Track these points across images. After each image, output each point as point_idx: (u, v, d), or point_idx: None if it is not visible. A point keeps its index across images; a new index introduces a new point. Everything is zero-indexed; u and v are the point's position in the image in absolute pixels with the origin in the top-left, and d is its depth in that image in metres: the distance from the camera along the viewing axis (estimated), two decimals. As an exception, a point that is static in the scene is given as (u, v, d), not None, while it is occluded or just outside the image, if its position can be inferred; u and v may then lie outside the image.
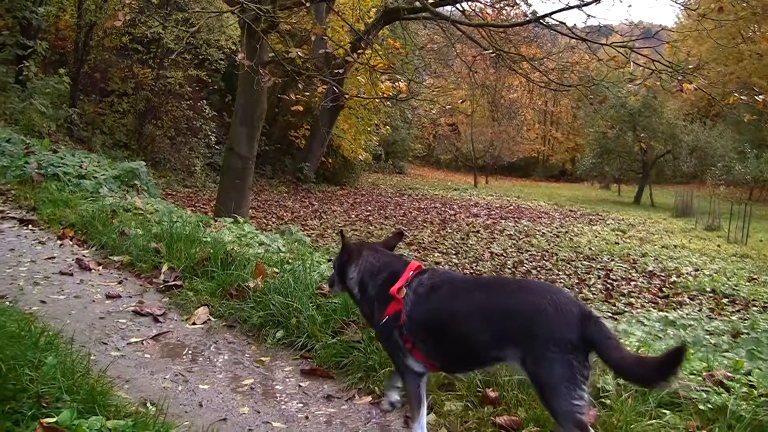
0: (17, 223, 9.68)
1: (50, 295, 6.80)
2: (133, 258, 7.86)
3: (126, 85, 29.69)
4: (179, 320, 6.35)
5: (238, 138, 17.21)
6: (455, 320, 4.06)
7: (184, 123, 30.66)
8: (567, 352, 3.66)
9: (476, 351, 4.03)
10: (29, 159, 13.06)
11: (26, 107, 23.11)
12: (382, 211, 32.00)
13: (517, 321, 3.84)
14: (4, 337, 5.03)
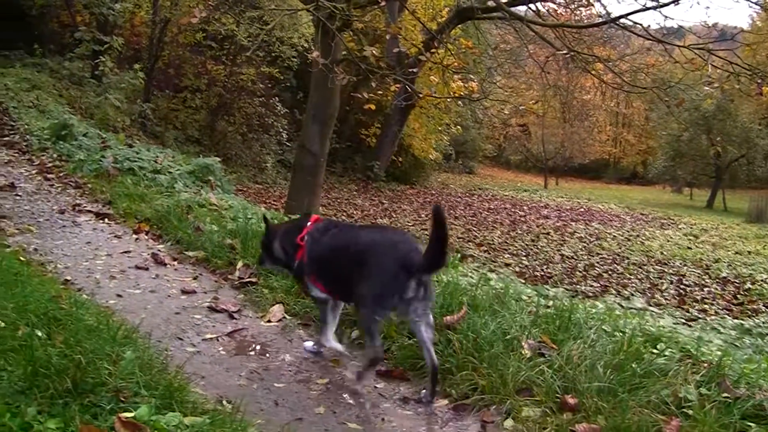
0: (94, 217, 9.77)
1: (126, 289, 6.84)
2: (208, 254, 7.87)
3: (199, 81, 29.92)
4: (254, 317, 6.34)
5: (311, 135, 17.23)
6: (335, 255, 5.33)
7: (256, 120, 30.83)
8: (383, 279, 4.90)
9: (346, 282, 5.16)
10: (106, 153, 13.19)
11: (101, 102, 23.38)
12: (452, 211, 31.83)
13: (359, 254, 5.10)
14: (82, 330, 5.07)
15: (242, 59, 29.59)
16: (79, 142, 14.61)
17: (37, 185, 11.64)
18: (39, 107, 19.70)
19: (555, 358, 5.01)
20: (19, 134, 15.83)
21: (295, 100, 33.46)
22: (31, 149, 14.50)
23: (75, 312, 5.54)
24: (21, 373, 4.28)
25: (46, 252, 7.89)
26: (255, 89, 30.19)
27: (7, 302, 5.54)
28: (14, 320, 5.21)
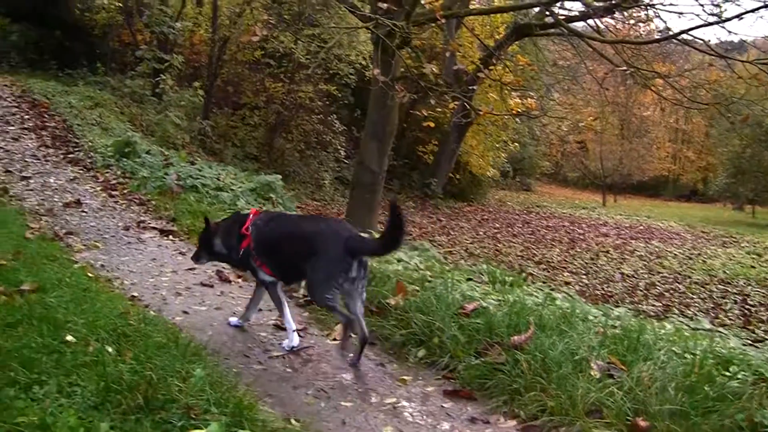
0: (158, 233, 9.87)
1: (192, 306, 6.91)
2: (273, 271, 7.90)
3: (258, 99, 30.13)
4: (320, 335, 6.36)
5: (369, 153, 17.26)
6: (279, 242, 6.03)
7: (314, 137, 30.97)
8: (331, 262, 5.64)
9: (295, 263, 5.88)
10: (169, 170, 13.31)
11: (162, 119, 23.67)
12: (509, 228, 31.74)
13: (307, 242, 5.80)
14: (152, 346, 5.13)
15: (300, 77, 29.73)
16: (142, 159, 14.76)
17: (102, 202, 11.78)
18: (102, 125, 19.92)
19: (625, 379, 4.95)
20: (83, 151, 16.02)
21: (353, 118, 33.56)
22: (95, 166, 14.67)
23: (143, 328, 5.61)
24: (93, 388, 4.35)
25: (112, 268, 7.99)
26: (313, 106, 30.32)
27: (78, 318, 5.62)
28: (85, 336, 5.29)
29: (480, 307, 6.24)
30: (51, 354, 4.97)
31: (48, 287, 6.45)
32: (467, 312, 6.12)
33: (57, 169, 14.35)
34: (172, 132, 23.37)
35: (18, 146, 16.25)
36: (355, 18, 18.30)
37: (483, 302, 6.43)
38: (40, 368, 4.72)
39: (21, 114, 20.33)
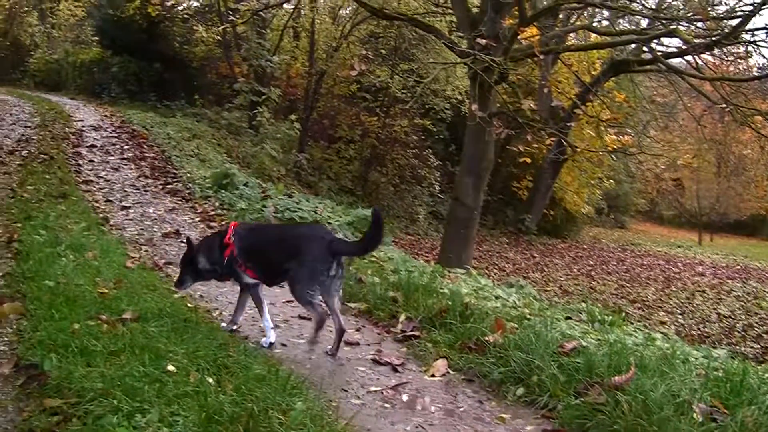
0: (255, 267, 9.96)
1: (290, 339, 6.95)
2: (371, 306, 7.89)
3: (353, 132, 30.39)
4: (418, 371, 6.31)
5: (464, 188, 17.24)
6: (264, 248, 6.70)
7: (409, 171, 31.08)
8: (315, 262, 6.32)
9: (279, 265, 6.50)
10: (266, 202, 13.44)
11: (258, 151, 23.96)
12: (604, 266, 31.40)
13: (293, 244, 6.52)
14: (252, 378, 5.15)
15: (396, 111, 29.91)
16: (240, 191, 14.92)
17: (201, 233, 11.90)
18: (199, 156, 20.22)
19: (728, 423, 4.83)
20: (181, 182, 16.25)
21: (448, 152, 33.59)
22: (193, 197, 14.86)
23: (243, 360, 5.65)
24: (195, 418, 4.40)
25: (211, 299, 8.08)
26: (408, 141, 30.49)
27: (178, 347, 5.69)
28: (186, 366, 5.34)
29: (579, 346, 6.17)
30: (153, 383, 5.03)
31: (149, 316, 6.55)
32: (566, 351, 6.05)
33: (156, 199, 14.59)
34: (268, 164, 23.64)
35: (118, 176, 16.56)
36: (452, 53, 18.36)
37: (582, 341, 6.35)
38: (143, 397, 4.77)
39: (121, 144, 20.75)
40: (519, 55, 16.44)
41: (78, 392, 4.91)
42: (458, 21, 18.02)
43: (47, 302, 6.72)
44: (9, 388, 5.25)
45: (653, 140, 40.12)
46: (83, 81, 37.50)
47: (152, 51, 32.09)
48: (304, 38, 32.29)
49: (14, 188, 13.33)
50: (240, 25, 25.66)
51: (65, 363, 5.36)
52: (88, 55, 38.26)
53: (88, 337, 5.82)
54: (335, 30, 29.87)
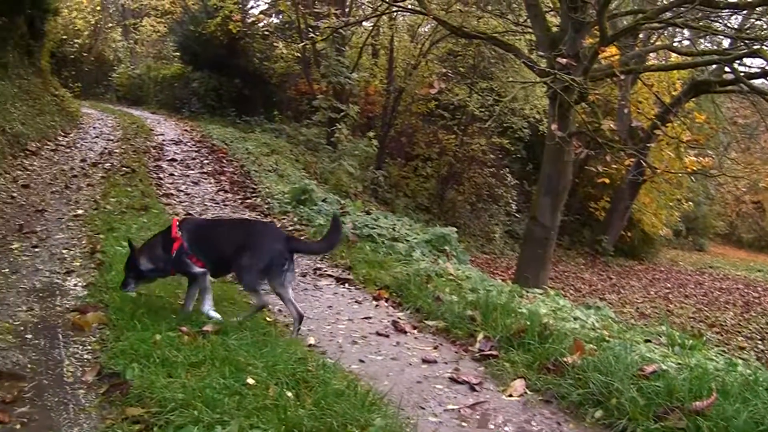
0: (334, 281, 9.96)
1: (368, 355, 6.94)
2: (448, 324, 7.83)
3: (430, 150, 30.43)
4: (495, 391, 6.27)
5: (542, 208, 17.15)
6: (217, 241, 7.19)
7: (486, 190, 31.03)
8: (272, 256, 6.89)
9: (229, 259, 7.03)
10: (345, 219, 13.47)
11: (336, 168, 24.06)
12: (681, 289, 30.96)
13: (247, 238, 7.10)
14: (331, 393, 5.17)
15: (474, 129, 29.88)
16: (318, 207, 14.99)
17: (280, 248, 12.01)
18: (278, 171, 20.36)
19: (813, 453, 4.76)
20: (260, 197, 16.37)
21: (524, 172, 33.48)
22: (272, 212, 14.94)
23: (322, 375, 5.66)
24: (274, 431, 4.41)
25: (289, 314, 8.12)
26: (485, 159, 30.43)
27: (258, 361, 5.73)
28: (265, 379, 5.39)
29: (659, 369, 6.09)
30: (233, 395, 5.09)
31: (229, 329, 6.61)
32: (646, 374, 5.97)
33: (235, 213, 14.71)
34: (346, 180, 23.74)
35: (198, 190, 16.77)
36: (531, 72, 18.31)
37: (662, 365, 6.27)
38: (223, 408, 4.84)
39: (201, 159, 21.01)
40: (599, 75, 16.34)
41: (159, 402, 5.00)
42: (537, 40, 17.95)
43: (129, 313, 6.84)
44: (92, 395, 5.38)
45: (734, 162, 39.52)
46: (164, 96, 38.09)
47: (232, 67, 32.49)
48: (383, 56, 32.43)
49: (97, 200, 13.61)
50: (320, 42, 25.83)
51: (147, 373, 5.47)
52: (170, 70, 38.89)
53: (169, 348, 5.93)
54: (414, 48, 29.93)
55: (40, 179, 15.50)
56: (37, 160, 17.38)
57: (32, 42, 24.42)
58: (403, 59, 30.03)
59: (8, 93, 19.55)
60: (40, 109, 22.11)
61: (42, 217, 12.11)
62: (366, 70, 31.49)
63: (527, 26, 20.34)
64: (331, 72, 26.80)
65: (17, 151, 17.06)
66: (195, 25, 33.28)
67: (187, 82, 35.65)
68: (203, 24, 32.36)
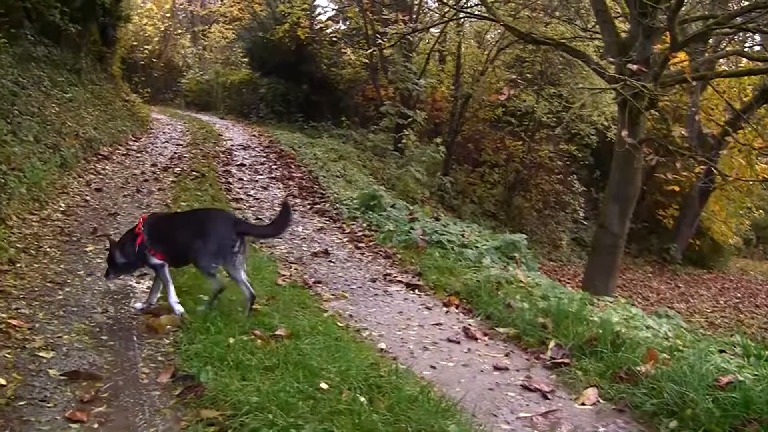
0: (404, 287, 9.95)
1: (439, 362, 6.93)
2: (519, 331, 7.78)
3: (497, 157, 30.34)
4: (567, 399, 6.24)
5: (610, 215, 17.00)
6: (172, 233, 7.60)
7: (553, 197, 30.87)
8: (221, 238, 7.31)
9: (184, 248, 7.43)
10: (414, 225, 13.46)
11: (403, 174, 24.08)
12: (752, 299, 30.43)
13: (199, 226, 7.52)
14: (404, 399, 5.19)
15: (541, 135, 29.76)
16: (387, 212, 14.98)
17: (349, 253, 12.04)
18: (346, 177, 20.41)
19: None
20: (329, 202, 16.41)
21: (592, 179, 33.22)
22: (341, 218, 14.98)
23: (395, 380, 5.69)
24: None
25: (360, 319, 8.14)
26: (553, 166, 30.31)
27: (330, 366, 5.77)
28: (338, 384, 5.41)
29: (736, 380, 6.01)
30: (307, 399, 5.14)
31: (301, 334, 6.68)
32: (722, 385, 5.90)
33: (304, 218, 14.79)
34: (413, 186, 23.76)
35: (267, 195, 16.88)
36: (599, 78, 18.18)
37: (738, 376, 6.19)
38: (297, 413, 4.89)
39: (269, 164, 21.14)
40: (669, 81, 16.18)
41: (234, 405, 5.08)
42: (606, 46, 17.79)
43: (202, 316, 6.95)
44: (167, 397, 5.47)
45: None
46: (232, 101, 38.47)
47: (300, 73, 32.65)
48: (450, 62, 32.43)
49: (168, 204, 13.79)
50: (387, 49, 25.90)
51: (221, 376, 5.55)
52: (238, 76, 39.24)
53: (243, 352, 6.02)
54: (481, 54, 29.87)
55: (112, 183, 15.73)
56: (109, 164, 17.63)
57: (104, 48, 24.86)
58: (470, 65, 29.98)
59: (81, 98, 19.88)
60: (112, 114, 22.44)
61: (115, 221, 12.29)
62: (433, 76, 31.44)
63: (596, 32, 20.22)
64: (399, 78, 26.84)
65: (90, 156, 17.33)
66: (263, 32, 33.53)
67: (255, 87, 35.98)
68: (271, 30, 32.60)
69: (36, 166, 13.00)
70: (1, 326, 6.53)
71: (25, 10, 18.33)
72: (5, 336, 6.34)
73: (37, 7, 18.62)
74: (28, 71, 17.03)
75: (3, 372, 5.53)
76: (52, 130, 15.59)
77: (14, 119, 13.95)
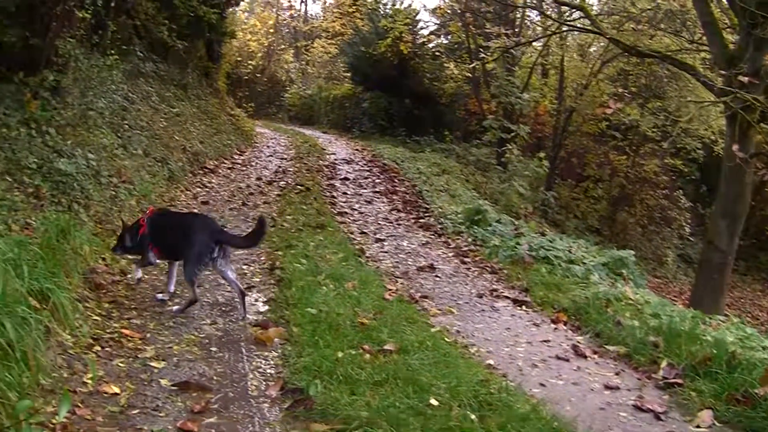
0: (511, 303, 9.85)
1: (548, 379, 6.85)
2: (630, 349, 7.64)
3: (601, 171, 30.02)
4: (682, 420, 6.09)
5: (719, 231, 16.64)
6: (167, 229, 8.26)
7: (658, 212, 30.38)
8: (201, 245, 7.82)
9: (178, 245, 8.04)
10: (520, 240, 13.36)
11: (506, 188, 24.00)
12: None
13: (185, 229, 8.12)
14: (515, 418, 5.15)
15: (646, 150, 29.35)
16: (492, 227, 14.87)
17: (454, 268, 11.96)
18: (449, 191, 20.37)
19: None
20: (433, 217, 16.39)
21: (698, 194, 32.62)
22: (446, 232, 14.92)
23: (504, 398, 5.63)
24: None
25: (467, 334, 8.09)
26: (658, 181, 29.82)
27: (440, 381, 5.74)
28: (448, 400, 5.39)
29: None
30: (417, 415, 5.14)
31: (409, 349, 6.66)
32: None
33: (409, 233, 14.79)
34: (516, 201, 23.64)
35: (371, 209, 16.94)
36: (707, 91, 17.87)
37: None
38: (407, 429, 4.87)
39: (372, 178, 21.24)
40: (781, 92, 15.83)
41: (344, 419, 5.10)
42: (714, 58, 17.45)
43: (310, 329, 6.99)
44: (276, 410, 5.52)
45: None
46: (335, 115, 38.80)
47: (402, 87, 32.77)
48: (553, 76, 32.22)
49: (274, 217, 13.88)
50: (490, 63, 25.84)
51: (330, 390, 5.57)
52: (340, 90, 39.57)
53: (351, 366, 6.02)
54: (584, 67, 29.61)
55: (218, 196, 15.96)
56: (215, 178, 17.90)
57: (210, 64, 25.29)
58: (574, 79, 29.74)
59: (188, 113, 20.25)
60: (217, 129, 22.79)
61: (222, 234, 12.45)
62: (536, 90, 31.26)
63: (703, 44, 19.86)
64: (502, 92, 26.78)
65: (196, 169, 17.64)
66: (366, 46, 33.79)
67: (357, 102, 36.24)
68: (374, 45, 32.83)
69: (145, 179, 13.32)
70: (114, 336, 6.70)
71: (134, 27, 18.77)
72: (118, 345, 6.49)
73: (146, 25, 19.08)
74: (138, 87, 17.44)
75: (116, 380, 5.66)
76: (160, 144, 15.92)
77: (124, 133, 14.29)
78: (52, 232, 7.75)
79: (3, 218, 7.90)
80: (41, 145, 10.26)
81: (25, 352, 4.71)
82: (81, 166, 10.77)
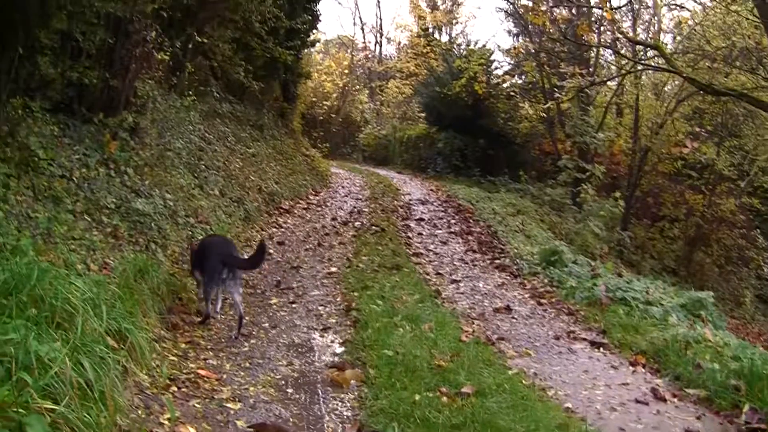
0: (588, 345, 9.80)
1: (628, 423, 6.80)
2: (710, 393, 7.57)
3: (677, 211, 29.74)
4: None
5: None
6: (198, 254, 9.18)
7: (735, 252, 29.99)
8: (214, 265, 8.64)
9: (200, 268, 8.98)
10: (597, 281, 13.29)
11: (581, 228, 23.88)
12: None
13: (203, 252, 9.02)
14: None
15: (723, 189, 29.05)
16: (569, 268, 14.79)
17: (531, 309, 11.94)
18: (524, 232, 20.36)
19: None
20: (509, 257, 16.36)
21: (777, 234, 32.21)
22: (521, 273, 14.88)
23: (583, 442, 5.63)
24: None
25: (545, 377, 8.07)
26: (735, 220, 29.45)
27: (518, 425, 5.77)
28: (527, 445, 5.39)
29: None
30: (498, 459, 5.14)
31: (487, 392, 6.67)
32: None
33: (485, 273, 14.80)
34: (591, 241, 23.52)
35: (446, 250, 16.98)
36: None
37: None
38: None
39: (447, 218, 21.28)
40: None
41: (423, 463, 5.10)
42: (792, 96, 17.29)
43: (387, 371, 7.04)
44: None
45: None
46: (409, 156, 38.92)
47: (477, 127, 32.84)
48: (628, 115, 32.05)
49: (350, 258, 14.02)
50: (564, 102, 25.85)
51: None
52: (415, 131, 39.79)
53: (429, 409, 6.07)
54: (659, 106, 29.41)
55: (293, 236, 16.16)
56: (291, 218, 18.12)
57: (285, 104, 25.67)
58: (649, 118, 29.53)
59: (264, 153, 20.55)
60: (293, 169, 23.05)
61: (297, 274, 12.63)
62: (611, 129, 31.14)
63: (779, 81, 19.69)
64: (576, 131, 26.79)
65: (272, 209, 17.89)
66: (440, 87, 33.99)
67: (432, 142, 36.38)
68: (448, 85, 33.03)
69: (221, 219, 13.56)
70: (191, 376, 6.81)
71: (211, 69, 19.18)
72: (194, 386, 6.59)
73: (222, 66, 19.46)
74: (214, 127, 17.77)
75: (193, 421, 5.74)
76: (236, 184, 16.18)
77: (201, 174, 14.56)
78: (129, 271, 7.94)
79: (82, 257, 8.05)
80: (119, 185, 10.53)
81: (102, 391, 4.77)
82: (158, 206, 11.05)
